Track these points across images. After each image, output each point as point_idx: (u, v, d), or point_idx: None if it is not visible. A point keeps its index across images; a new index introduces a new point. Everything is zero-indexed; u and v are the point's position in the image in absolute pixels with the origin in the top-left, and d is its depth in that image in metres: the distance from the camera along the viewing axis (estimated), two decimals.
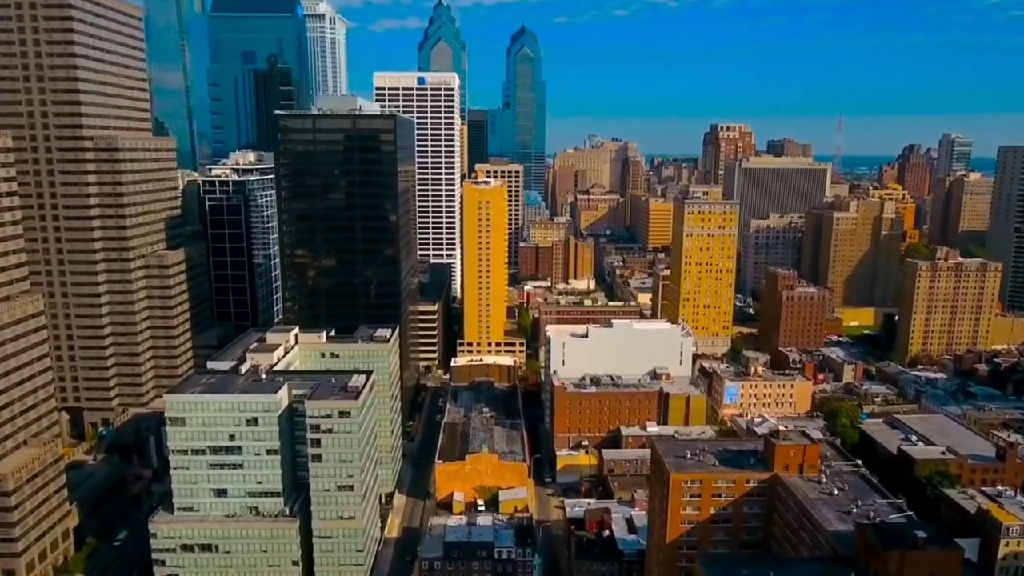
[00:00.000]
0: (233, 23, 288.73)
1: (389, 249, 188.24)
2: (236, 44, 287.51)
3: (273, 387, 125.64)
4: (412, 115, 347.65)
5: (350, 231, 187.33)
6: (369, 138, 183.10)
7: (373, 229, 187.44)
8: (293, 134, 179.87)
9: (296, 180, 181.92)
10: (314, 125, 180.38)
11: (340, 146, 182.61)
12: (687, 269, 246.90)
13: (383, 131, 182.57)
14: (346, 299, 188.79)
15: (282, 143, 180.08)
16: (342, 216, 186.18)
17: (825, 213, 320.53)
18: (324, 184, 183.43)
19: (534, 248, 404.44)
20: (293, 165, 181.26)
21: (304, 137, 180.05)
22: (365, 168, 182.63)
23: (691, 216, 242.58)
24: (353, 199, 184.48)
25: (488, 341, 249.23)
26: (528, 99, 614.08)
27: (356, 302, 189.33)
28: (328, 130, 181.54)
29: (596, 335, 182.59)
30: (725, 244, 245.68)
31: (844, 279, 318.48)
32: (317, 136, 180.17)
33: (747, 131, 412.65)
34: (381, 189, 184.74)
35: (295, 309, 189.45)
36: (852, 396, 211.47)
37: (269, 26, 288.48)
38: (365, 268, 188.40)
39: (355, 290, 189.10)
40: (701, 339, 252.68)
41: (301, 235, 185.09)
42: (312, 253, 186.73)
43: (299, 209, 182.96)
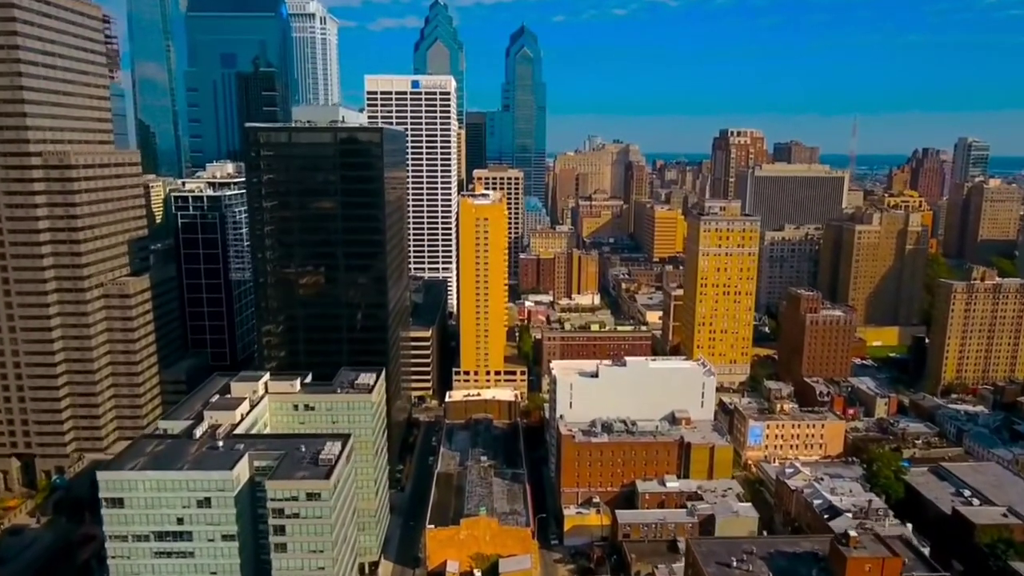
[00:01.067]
0: (211, 24, 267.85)
1: (375, 276, 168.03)
2: (215, 46, 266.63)
3: (230, 458, 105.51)
4: (406, 120, 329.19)
5: (331, 256, 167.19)
6: (353, 153, 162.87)
7: (357, 255, 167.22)
8: (267, 149, 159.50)
9: (269, 200, 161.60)
10: (290, 139, 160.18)
11: (320, 162, 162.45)
12: (703, 291, 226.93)
13: (368, 145, 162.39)
14: (327, 332, 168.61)
15: (254, 158, 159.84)
16: (322, 240, 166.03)
17: (845, 226, 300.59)
18: (301, 204, 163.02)
19: (535, 260, 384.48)
20: (266, 184, 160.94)
21: (279, 152, 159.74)
22: (348, 188, 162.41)
23: (707, 234, 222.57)
24: (335, 221, 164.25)
25: (487, 369, 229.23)
26: (528, 101, 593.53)
27: (339, 335, 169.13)
28: (307, 144, 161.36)
29: (607, 375, 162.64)
30: (744, 264, 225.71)
31: (866, 296, 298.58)
32: (294, 151, 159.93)
33: (758, 136, 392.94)
34: (366, 210, 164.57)
35: (270, 343, 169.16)
36: (887, 435, 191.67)
37: (250, 27, 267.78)
38: (349, 297, 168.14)
39: (338, 322, 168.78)
40: (718, 366, 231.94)
41: (276, 261, 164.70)
42: (289, 281, 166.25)
43: (272, 232, 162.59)
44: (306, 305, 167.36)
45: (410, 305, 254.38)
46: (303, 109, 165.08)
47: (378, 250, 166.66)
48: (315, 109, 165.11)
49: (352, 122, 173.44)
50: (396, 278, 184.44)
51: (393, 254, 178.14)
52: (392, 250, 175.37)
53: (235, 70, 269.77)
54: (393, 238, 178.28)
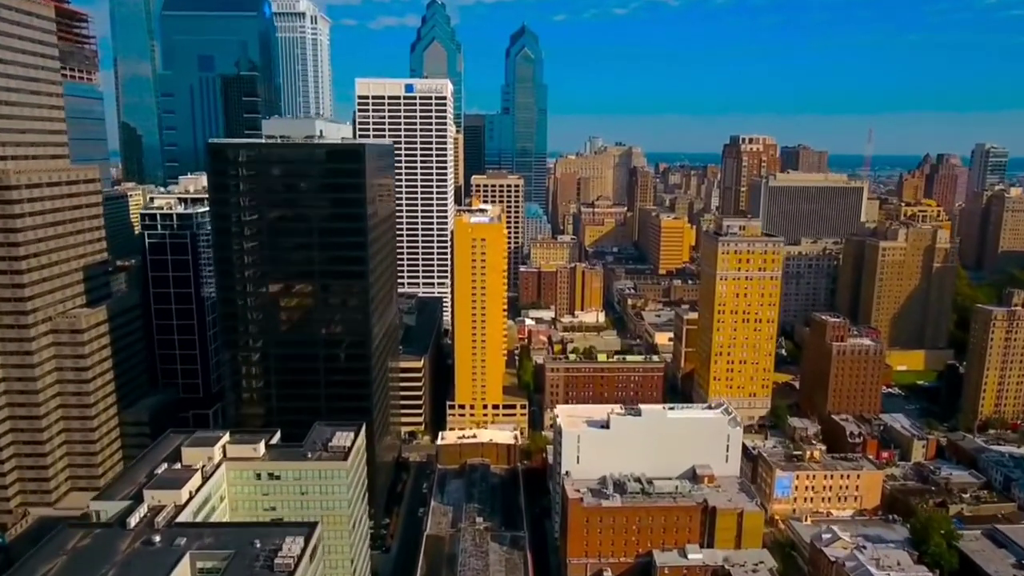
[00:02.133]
0: (187, 23, 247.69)
1: (357, 309, 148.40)
2: (191, 47, 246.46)
3: (166, 560, 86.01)
4: (399, 126, 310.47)
5: (306, 288, 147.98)
6: (331, 173, 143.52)
7: (336, 286, 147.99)
8: (232, 167, 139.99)
9: (235, 224, 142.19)
10: (259, 156, 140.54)
11: (293, 182, 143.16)
12: (720, 318, 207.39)
13: (349, 163, 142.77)
14: (302, 373, 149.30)
15: (218, 177, 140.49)
16: (296, 271, 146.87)
17: (868, 242, 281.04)
18: (272, 229, 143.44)
19: (536, 273, 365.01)
20: (231, 206, 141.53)
21: (246, 171, 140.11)
22: (325, 212, 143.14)
23: (726, 256, 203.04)
24: (310, 250, 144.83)
25: (483, 403, 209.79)
26: (528, 103, 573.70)
27: (316, 377, 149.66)
28: (278, 162, 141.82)
29: (620, 426, 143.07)
30: (767, 289, 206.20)
31: (890, 317, 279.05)
32: (262, 169, 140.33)
33: (771, 143, 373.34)
34: (346, 237, 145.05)
35: (238, 386, 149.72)
36: (929, 486, 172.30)
37: (230, 27, 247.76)
38: (326, 333, 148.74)
39: (314, 362, 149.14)
40: (735, 399, 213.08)
41: (241, 294, 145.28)
42: (257, 316, 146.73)
43: (238, 261, 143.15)
44: (278, 343, 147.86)
45: (401, 328, 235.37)
46: (275, 122, 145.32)
47: (360, 280, 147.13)
48: (288, 122, 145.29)
49: (332, 136, 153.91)
50: (382, 309, 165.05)
51: (379, 284, 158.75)
52: (377, 279, 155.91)
53: (213, 73, 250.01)
54: (379, 265, 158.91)
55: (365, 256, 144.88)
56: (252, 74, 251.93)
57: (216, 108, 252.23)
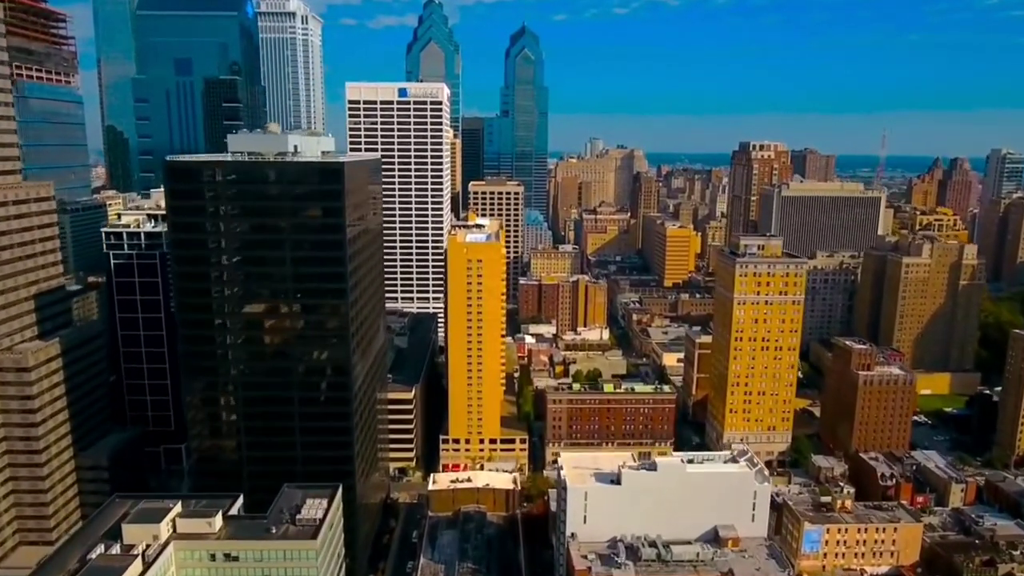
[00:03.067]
0: (164, 24, 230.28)
1: (336, 344, 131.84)
2: (167, 50, 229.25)
3: None
4: (392, 133, 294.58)
5: (278, 325, 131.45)
6: (306, 195, 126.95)
7: (312, 323, 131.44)
8: (192, 187, 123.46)
9: (194, 251, 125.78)
10: (223, 176, 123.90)
11: (262, 205, 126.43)
12: (737, 346, 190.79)
13: (326, 184, 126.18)
14: (274, 418, 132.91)
15: (174, 200, 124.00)
16: (265, 304, 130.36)
17: (891, 257, 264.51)
18: (238, 257, 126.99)
19: (537, 286, 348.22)
20: (190, 230, 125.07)
21: (209, 192, 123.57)
22: (299, 240, 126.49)
23: (744, 279, 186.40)
24: (282, 282, 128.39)
25: (480, 437, 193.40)
26: (529, 106, 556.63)
27: (290, 423, 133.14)
28: (244, 182, 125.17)
29: (632, 481, 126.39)
30: (788, 314, 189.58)
31: (913, 338, 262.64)
32: (225, 191, 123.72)
33: (783, 150, 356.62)
34: (322, 267, 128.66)
35: (200, 436, 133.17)
36: (972, 538, 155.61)
37: (208, 27, 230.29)
38: (301, 373, 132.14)
39: (288, 407, 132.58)
40: (753, 433, 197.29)
41: (201, 328, 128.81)
42: (222, 354, 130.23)
43: (198, 292, 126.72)
44: (247, 385, 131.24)
45: (391, 352, 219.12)
46: (242, 137, 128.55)
47: (339, 316, 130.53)
48: (258, 138, 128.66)
49: (309, 151, 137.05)
50: (367, 341, 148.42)
51: (363, 314, 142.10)
52: (360, 311, 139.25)
53: (191, 77, 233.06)
54: (363, 294, 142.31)
55: (344, 288, 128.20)
56: (232, 78, 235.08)
57: (194, 114, 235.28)
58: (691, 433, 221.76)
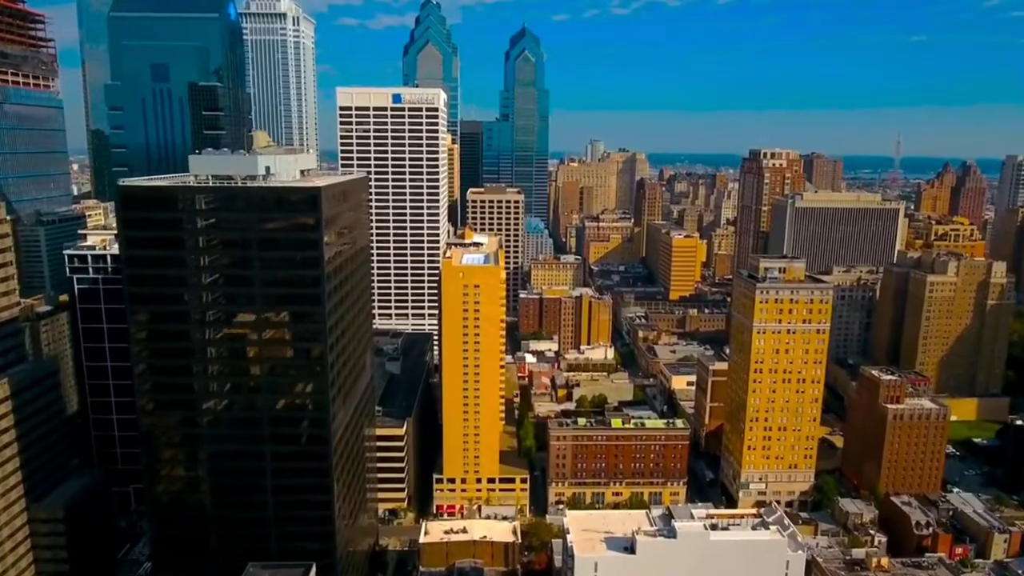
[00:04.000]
0: (139, 26, 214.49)
1: (313, 394, 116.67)
2: (143, 55, 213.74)
3: None
4: (386, 141, 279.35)
5: (245, 371, 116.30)
6: (278, 226, 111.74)
7: (286, 368, 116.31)
8: (144, 214, 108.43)
9: (149, 289, 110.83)
10: (183, 204, 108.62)
11: (226, 235, 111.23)
12: (757, 378, 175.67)
13: (301, 211, 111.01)
14: (242, 475, 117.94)
15: (127, 230, 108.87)
16: (230, 345, 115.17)
17: (914, 275, 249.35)
18: (201, 292, 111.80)
19: (538, 300, 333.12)
20: (144, 265, 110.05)
21: (163, 221, 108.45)
22: (269, 275, 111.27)
23: (765, 306, 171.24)
24: (249, 323, 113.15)
25: (477, 476, 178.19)
26: (529, 110, 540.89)
27: (261, 480, 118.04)
28: (207, 210, 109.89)
29: (649, 550, 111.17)
30: (812, 344, 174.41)
31: (938, 360, 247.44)
32: (185, 220, 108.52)
33: (795, 159, 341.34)
34: (296, 304, 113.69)
35: (158, 496, 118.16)
36: None
37: (187, 31, 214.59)
38: (271, 421, 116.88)
39: (258, 461, 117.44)
40: (773, 472, 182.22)
41: (159, 371, 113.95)
42: (179, 402, 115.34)
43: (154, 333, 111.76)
44: (212, 439, 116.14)
45: (383, 379, 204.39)
46: (207, 158, 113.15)
47: (316, 357, 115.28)
48: (224, 159, 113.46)
49: (285, 172, 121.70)
50: (352, 381, 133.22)
51: (346, 354, 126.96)
52: (342, 353, 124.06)
53: (168, 84, 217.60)
54: (347, 331, 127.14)
55: (322, 330, 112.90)
56: (213, 85, 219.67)
57: (172, 123, 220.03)
58: (704, 467, 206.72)
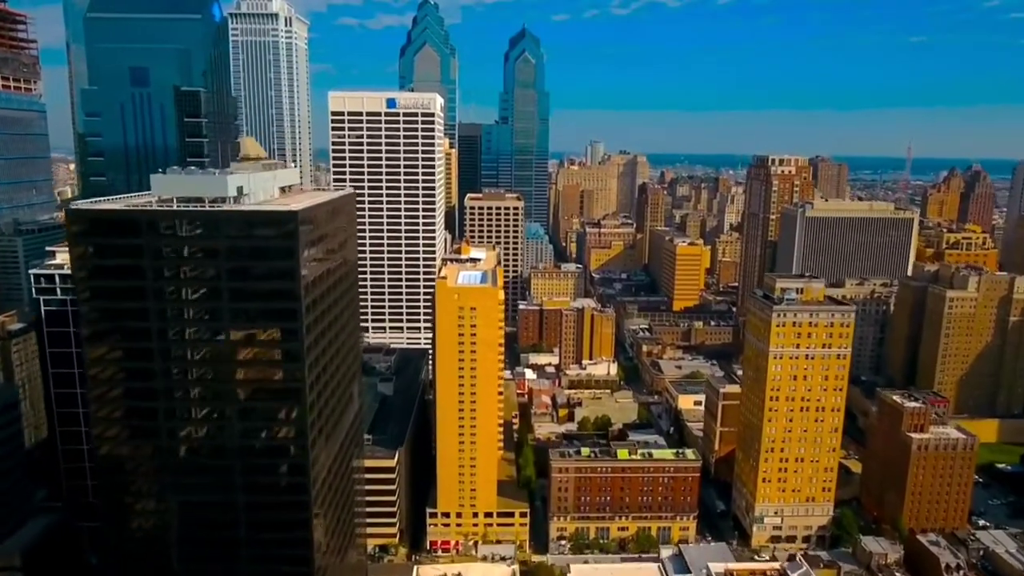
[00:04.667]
0: (117, 28, 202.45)
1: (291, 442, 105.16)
2: (121, 58, 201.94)
3: None
4: (380, 147, 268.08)
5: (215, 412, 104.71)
6: (248, 252, 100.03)
7: (257, 413, 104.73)
8: (100, 240, 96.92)
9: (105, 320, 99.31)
10: (141, 229, 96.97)
11: (190, 263, 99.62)
12: (773, 406, 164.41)
13: (275, 239, 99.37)
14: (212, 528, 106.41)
15: (80, 259, 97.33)
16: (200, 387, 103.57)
17: (932, 290, 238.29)
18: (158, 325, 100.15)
19: (537, 311, 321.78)
20: (100, 297, 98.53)
21: (120, 248, 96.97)
22: (239, 309, 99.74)
23: (782, 330, 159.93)
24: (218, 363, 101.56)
25: (473, 511, 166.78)
26: (529, 112, 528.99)
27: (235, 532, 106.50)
28: (167, 236, 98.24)
29: None
30: (832, 370, 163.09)
31: (956, 379, 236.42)
32: (146, 248, 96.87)
33: (804, 165, 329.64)
34: (271, 348, 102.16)
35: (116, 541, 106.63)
36: None
37: (168, 33, 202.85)
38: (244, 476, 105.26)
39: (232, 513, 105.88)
40: (789, 506, 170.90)
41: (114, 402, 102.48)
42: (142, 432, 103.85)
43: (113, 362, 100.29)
44: (177, 488, 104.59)
45: (375, 403, 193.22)
46: (172, 179, 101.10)
47: (296, 403, 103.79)
48: (190, 180, 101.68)
49: (261, 190, 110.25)
50: (335, 420, 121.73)
51: (328, 391, 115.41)
52: (323, 391, 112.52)
53: (147, 88, 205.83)
54: (329, 366, 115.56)
55: (301, 368, 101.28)
56: (195, 90, 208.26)
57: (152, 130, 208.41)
58: (714, 495, 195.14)
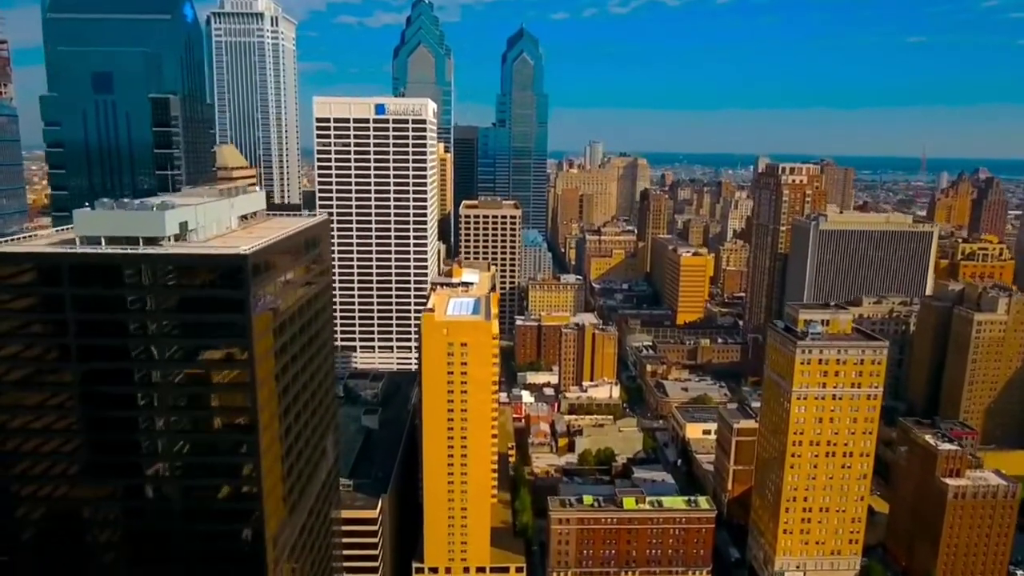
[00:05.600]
0: (79, 30, 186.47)
1: (245, 548, 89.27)
2: (83, 62, 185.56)
3: None
4: (368, 155, 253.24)
5: (147, 497, 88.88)
6: (186, 304, 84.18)
7: (202, 499, 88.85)
8: (14, 291, 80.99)
9: (14, 395, 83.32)
10: (62, 275, 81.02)
11: (113, 315, 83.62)
12: (795, 451, 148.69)
13: (222, 285, 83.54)
14: None
15: None
16: (127, 462, 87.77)
17: (958, 312, 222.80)
18: (90, 393, 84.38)
19: (536, 327, 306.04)
20: (16, 346, 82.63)
21: (27, 299, 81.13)
22: (174, 371, 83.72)
23: (807, 368, 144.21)
24: (152, 435, 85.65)
25: (464, 566, 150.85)
26: (527, 116, 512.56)
27: None
28: (88, 286, 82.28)
29: None
30: (861, 412, 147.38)
31: (984, 407, 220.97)
32: (64, 298, 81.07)
33: (815, 174, 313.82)
34: (218, 411, 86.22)
35: None
36: None
37: (135, 34, 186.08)
38: (191, 566, 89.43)
39: None
40: (812, 560, 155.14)
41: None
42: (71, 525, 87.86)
43: (26, 453, 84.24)
44: (116, 566, 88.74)
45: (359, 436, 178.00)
46: (97, 215, 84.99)
47: (249, 500, 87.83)
48: (122, 216, 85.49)
49: (215, 224, 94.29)
50: (300, 488, 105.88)
51: (292, 458, 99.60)
52: (284, 464, 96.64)
53: (112, 96, 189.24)
54: (292, 430, 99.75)
55: (255, 441, 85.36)
56: (164, 96, 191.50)
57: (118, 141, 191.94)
58: (727, 539, 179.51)
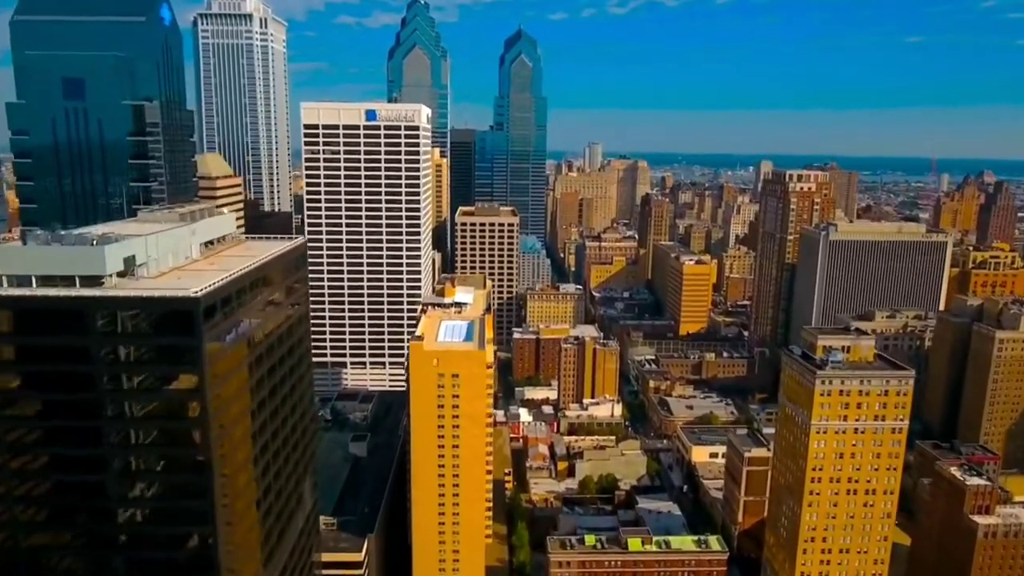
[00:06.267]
0: (48, 33, 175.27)
1: None
2: (52, 67, 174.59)
3: None
4: (358, 163, 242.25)
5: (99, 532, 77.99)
6: (133, 357, 73.17)
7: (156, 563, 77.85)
8: None
9: None
10: None
11: (49, 365, 72.65)
12: (814, 488, 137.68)
13: (170, 331, 72.53)
14: None
15: None
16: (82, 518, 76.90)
17: (978, 329, 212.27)
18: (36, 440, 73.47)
19: (534, 340, 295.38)
20: None
21: None
22: (119, 429, 72.72)
23: (827, 399, 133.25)
24: (97, 498, 74.77)
25: None
26: (525, 119, 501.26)
27: None
28: (23, 333, 71.32)
29: None
30: (885, 447, 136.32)
31: (1006, 430, 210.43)
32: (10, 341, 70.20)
33: (825, 181, 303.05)
34: (169, 471, 75.32)
35: None
36: None
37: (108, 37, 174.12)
38: None
39: None
40: None
41: None
42: None
43: None
44: None
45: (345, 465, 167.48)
46: (27, 251, 74.04)
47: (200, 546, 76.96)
48: (55, 253, 73.98)
49: (171, 256, 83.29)
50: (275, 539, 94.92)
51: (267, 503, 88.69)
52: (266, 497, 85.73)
53: (83, 103, 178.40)
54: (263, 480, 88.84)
55: (209, 507, 74.35)
56: (139, 103, 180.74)
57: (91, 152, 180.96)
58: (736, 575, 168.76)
